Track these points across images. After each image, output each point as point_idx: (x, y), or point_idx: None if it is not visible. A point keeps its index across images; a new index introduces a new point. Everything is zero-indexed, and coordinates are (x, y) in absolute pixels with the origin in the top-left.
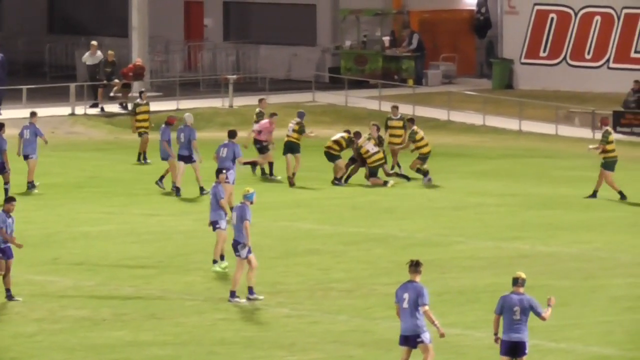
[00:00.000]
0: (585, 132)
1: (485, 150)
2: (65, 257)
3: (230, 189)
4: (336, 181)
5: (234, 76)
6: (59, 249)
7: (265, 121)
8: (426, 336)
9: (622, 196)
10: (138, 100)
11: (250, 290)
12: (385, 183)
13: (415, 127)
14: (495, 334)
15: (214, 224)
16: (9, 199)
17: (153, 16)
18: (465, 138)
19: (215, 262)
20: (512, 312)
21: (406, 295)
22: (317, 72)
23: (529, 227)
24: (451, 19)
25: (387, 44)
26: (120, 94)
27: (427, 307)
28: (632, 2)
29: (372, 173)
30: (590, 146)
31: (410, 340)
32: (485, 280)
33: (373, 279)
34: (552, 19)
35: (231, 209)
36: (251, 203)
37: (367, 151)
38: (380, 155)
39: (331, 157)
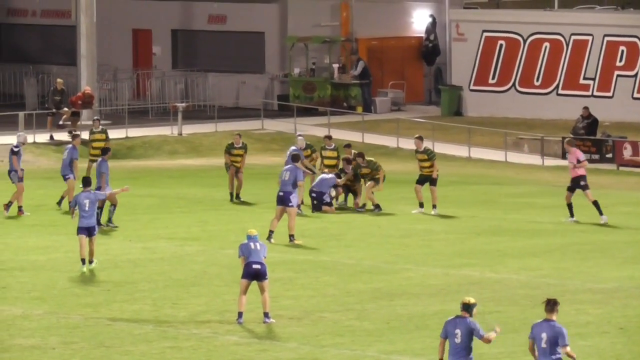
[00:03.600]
0: (535, 159)
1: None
2: (13, 286)
3: (294, 212)
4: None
5: (183, 104)
6: (6, 277)
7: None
8: None
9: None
10: (93, 129)
11: (267, 314)
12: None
13: (360, 160)
14: (440, 359)
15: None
16: None
17: (101, 44)
18: (414, 165)
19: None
20: (454, 336)
21: (544, 335)
22: (265, 100)
23: (477, 254)
24: (399, 46)
25: (336, 71)
26: (69, 122)
27: (568, 348)
28: (581, 29)
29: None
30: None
31: None
32: (434, 307)
33: (321, 306)
34: (501, 45)
35: (291, 235)
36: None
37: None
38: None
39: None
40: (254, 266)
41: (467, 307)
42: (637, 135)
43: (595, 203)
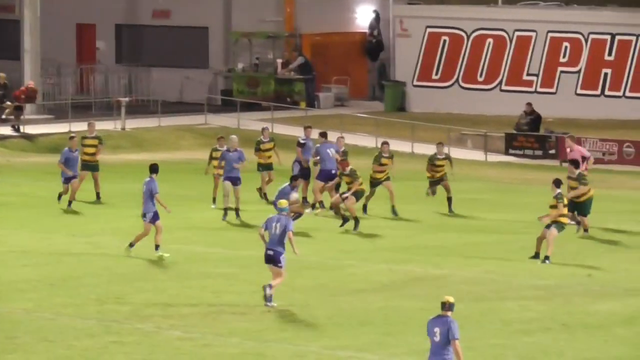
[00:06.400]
0: (478, 155)
1: None
2: None
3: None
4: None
5: (127, 99)
6: None
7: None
8: None
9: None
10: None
11: (269, 297)
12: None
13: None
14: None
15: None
16: None
17: (45, 39)
18: (357, 161)
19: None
20: (434, 335)
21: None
22: (209, 95)
23: (421, 250)
24: (343, 41)
25: (279, 67)
26: (12, 117)
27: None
28: (524, 25)
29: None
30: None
31: None
32: (378, 303)
33: (264, 301)
34: (445, 41)
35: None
36: (287, 214)
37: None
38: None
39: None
40: (268, 252)
41: (446, 306)
42: (579, 131)
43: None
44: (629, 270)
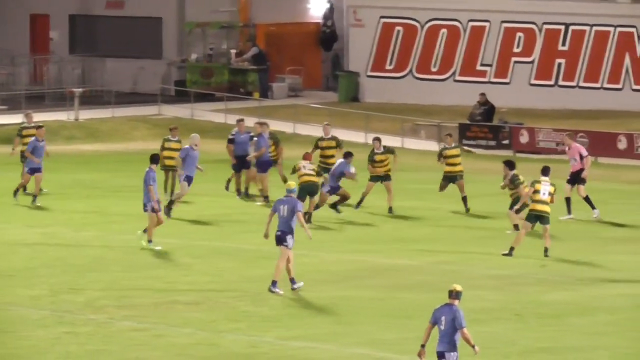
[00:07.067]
0: (431, 145)
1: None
2: None
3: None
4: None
5: (80, 89)
6: None
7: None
8: None
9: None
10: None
11: (274, 283)
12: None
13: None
14: (422, 345)
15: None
16: None
17: None
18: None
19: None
20: (440, 323)
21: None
22: (163, 85)
23: (374, 241)
24: (297, 32)
25: (233, 57)
26: None
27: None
28: (478, 15)
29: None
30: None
31: None
32: (330, 293)
33: (218, 292)
34: (399, 31)
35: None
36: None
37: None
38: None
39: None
40: (277, 233)
41: (452, 294)
42: (533, 121)
43: (587, 198)
44: (581, 261)
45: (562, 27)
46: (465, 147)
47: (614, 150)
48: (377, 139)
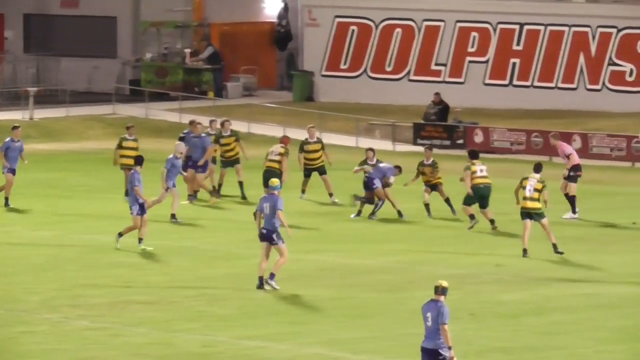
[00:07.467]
0: (386, 144)
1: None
2: None
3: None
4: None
5: (35, 88)
6: None
7: None
8: None
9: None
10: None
11: (272, 276)
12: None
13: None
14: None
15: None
16: None
17: None
18: (266, 151)
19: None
20: (426, 319)
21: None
22: (117, 85)
23: (332, 240)
24: (252, 31)
25: (188, 56)
26: None
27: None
28: (433, 14)
29: None
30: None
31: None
32: (287, 292)
33: (174, 291)
34: (353, 31)
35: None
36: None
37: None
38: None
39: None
40: (262, 230)
41: (438, 290)
42: (488, 121)
43: (572, 198)
44: (537, 260)
45: (517, 27)
46: (420, 147)
47: None
48: (370, 150)
